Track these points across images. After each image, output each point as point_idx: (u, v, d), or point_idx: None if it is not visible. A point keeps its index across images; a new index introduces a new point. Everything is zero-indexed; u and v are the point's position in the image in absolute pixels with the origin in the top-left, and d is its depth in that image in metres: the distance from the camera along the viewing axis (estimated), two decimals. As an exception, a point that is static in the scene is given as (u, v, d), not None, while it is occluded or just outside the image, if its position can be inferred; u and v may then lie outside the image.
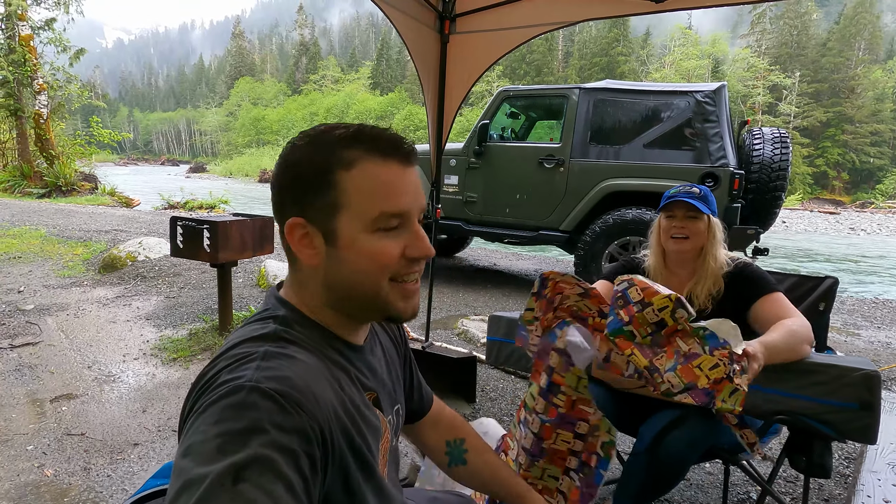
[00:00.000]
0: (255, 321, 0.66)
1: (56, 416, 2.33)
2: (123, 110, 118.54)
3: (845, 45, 42.46)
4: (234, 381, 0.53)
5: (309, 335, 0.64)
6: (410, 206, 0.63)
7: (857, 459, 1.90)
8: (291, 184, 0.63)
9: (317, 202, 0.62)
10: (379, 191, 0.61)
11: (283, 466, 0.48)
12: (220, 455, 0.47)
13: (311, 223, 0.62)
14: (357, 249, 0.62)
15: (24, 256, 5.52)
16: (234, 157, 53.84)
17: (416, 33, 2.43)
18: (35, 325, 3.48)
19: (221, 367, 0.57)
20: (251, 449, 0.47)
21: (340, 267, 0.63)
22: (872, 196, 34.59)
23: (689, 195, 1.50)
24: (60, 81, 14.88)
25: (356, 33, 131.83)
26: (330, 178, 0.61)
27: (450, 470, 0.94)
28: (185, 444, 0.50)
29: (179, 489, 0.46)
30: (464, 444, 0.95)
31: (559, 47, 56.89)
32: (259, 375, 0.53)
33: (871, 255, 12.97)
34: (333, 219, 0.61)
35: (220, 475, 0.45)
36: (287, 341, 0.61)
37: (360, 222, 0.61)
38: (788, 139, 4.51)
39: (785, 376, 1.21)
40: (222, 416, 0.50)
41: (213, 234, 2.93)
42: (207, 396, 0.53)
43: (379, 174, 0.62)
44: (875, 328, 4.33)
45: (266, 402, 0.51)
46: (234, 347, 0.60)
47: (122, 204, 12.86)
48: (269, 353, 0.57)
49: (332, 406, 0.57)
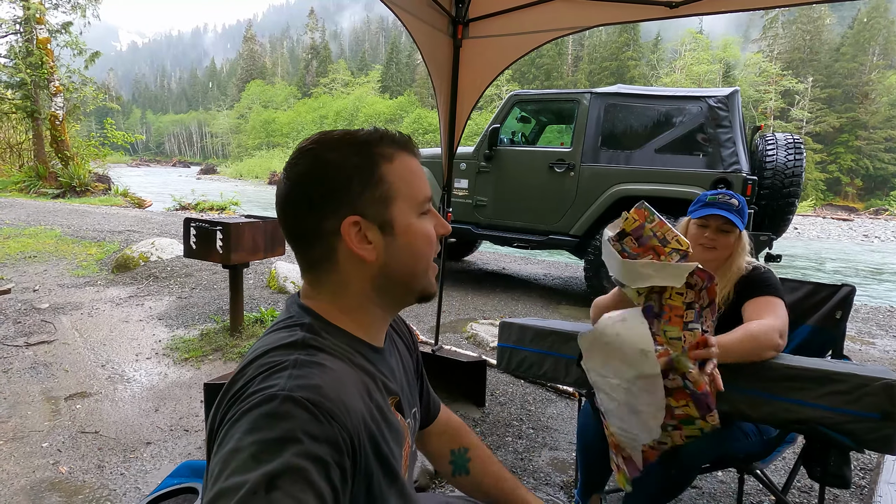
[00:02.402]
0: (280, 329, 0.66)
1: (70, 413, 2.36)
2: (137, 112, 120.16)
3: (859, 50, 41.95)
4: (268, 390, 0.54)
5: (336, 342, 0.65)
6: (430, 191, 0.71)
7: (874, 470, 1.87)
8: (336, 186, 0.64)
9: (370, 197, 0.65)
10: (415, 178, 0.68)
11: (314, 476, 0.48)
12: (255, 464, 0.48)
13: (366, 218, 0.65)
14: (413, 233, 0.67)
15: (39, 256, 5.60)
16: (244, 159, 54.31)
17: (429, 38, 2.44)
18: (50, 324, 3.52)
19: (252, 375, 0.57)
20: (284, 458, 0.48)
21: (400, 253, 0.67)
22: (887, 203, 34.01)
23: (728, 208, 1.47)
24: (76, 84, 15.12)
25: (366, 37, 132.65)
26: (378, 173, 0.65)
27: (454, 479, 0.94)
28: (219, 453, 0.51)
29: (214, 496, 0.47)
30: (468, 454, 0.94)
31: (569, 51, 56.79)
32: (292, 384, 0.54)
33: (886, 263, 12.77)
34: (388, 209, 0.66)
35: (255, 484, 0.46)
36: (316, 349, 0.61)
37: (410, 208, 0.67)
38: (802, 145, 4.47)
39: (802, 385, 1.19)
40: (256, 425, 0.51)
41: (225, 235, 2.96)
42: (240, 405, 0.54)
43: (411, 164, 0.69)
44: (891, 337, 4.26)
45: (299, 411, 0.52)
46: (264, 356, 0.60)
47: (134, 205, 13.01)
48: (300, 361, 0.58)
49: (361, 415, 0.58)
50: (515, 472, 2.02)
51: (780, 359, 1.26)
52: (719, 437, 1.34)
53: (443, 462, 0.95)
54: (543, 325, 1.64)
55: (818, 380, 1.18)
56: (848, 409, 1.14)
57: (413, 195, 0.67)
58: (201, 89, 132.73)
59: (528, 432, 2.35)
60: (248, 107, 70.47)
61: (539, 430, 2.38)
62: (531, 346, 1.63)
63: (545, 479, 1.98)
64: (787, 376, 1.21)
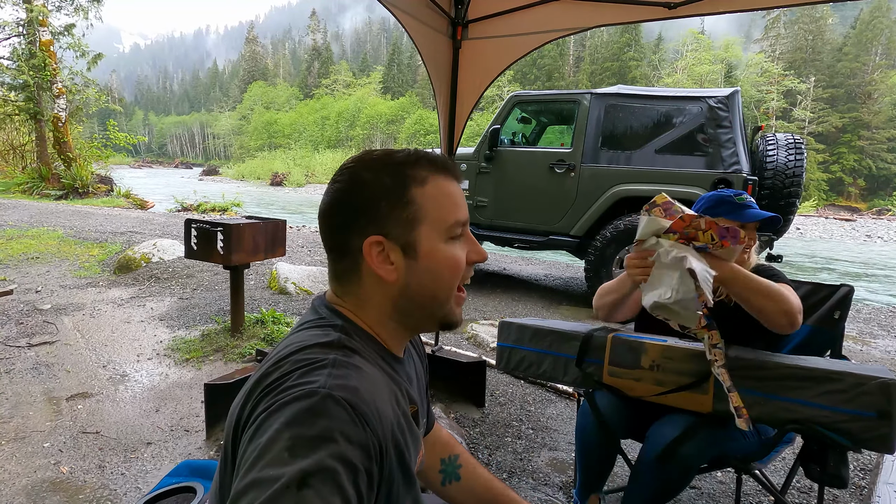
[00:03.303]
0: (312, 327, 0.67)
1: (72, 414, 2.37)
2: (139, 114, 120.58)
3: (861, 50, 41.83)
4: (308, 385, 0.54)
5: (366, 347, 0.66)
6: (467, 216, 0.71)
7: (873, 471, 1.87)
8: (366, 205, 0.66)
9: (397, 218, 0.66)
10: (448, 202, 0.68)
11: (344, 480, 0.49)
12: (291, 458, 0.48)
13: (390, 239, 0.66)
14: (437, 258, 0.67)
15: (41, 257, 5.63)
16: (246, 160, 54.33)
17: (428, 39, 2.45)
18: (52, 325, 3.54)
19: (289, 370, 0.58)
20: (319, 456, 0.49)
21: (421, 277, 0.67)
22: (889, 203, 33.89)
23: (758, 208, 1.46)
24: (79, 85, 15.20)
25: (368, 38, 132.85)
26: (407, 195, 0.66)
27: (443, 489, 0.94)
28: (255, 441, 0.52)
29: (248, 485, 0.47)
30: (458, 460, 0.95)
31: (570, 52, 56.79)
32: (332, 383, 0.55)
33: (888, 263, 12.73)
34: (413, 232, 0.66)
35: (289, 479, 0.47)
36: (352, 350, 0.62)
37: (437, 232, 0.67)
38: (803, 145, 4.46)
39: (799, 384, 1.20)
40: (295, 419, 0.51)
41: (226, 236, 2.97)
42: (278, 397, 0.54)
43: (446, 188, 0.68)
44: (891, 337, 4.25)
45: (339, 410, 0.52)
46: (300, 352, 0.60)
47: (136, 206, 13.05)
48: (339, 361, 0.59)
49: (391, 422, 0.59)
50: (515, 473, 2.02)
51: (778, 357, 1.26)
52: (717, 437, 1.35)
53: (432, 473, 0.94)
54: (542, 325, 1.64)
55: (815, 379, 1.19)
56: (845, 409, 1.14)
57: (442, 219, 0.67)
58: (203, 91, 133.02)
59: (528, 433, 2.35)
60: (251, 108, 70.62)
61: (539, 430, 2.38)
62: (530, 346, 1.64)
63: (544, 480, 1.98)
64: (784, 375, 1.22)
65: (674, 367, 1.31)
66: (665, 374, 1.32)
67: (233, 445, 0.58)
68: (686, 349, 1.32)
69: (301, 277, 4.71)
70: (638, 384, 1.37)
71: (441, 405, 2.44)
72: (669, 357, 1.32)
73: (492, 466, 2.06)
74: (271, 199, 24.85)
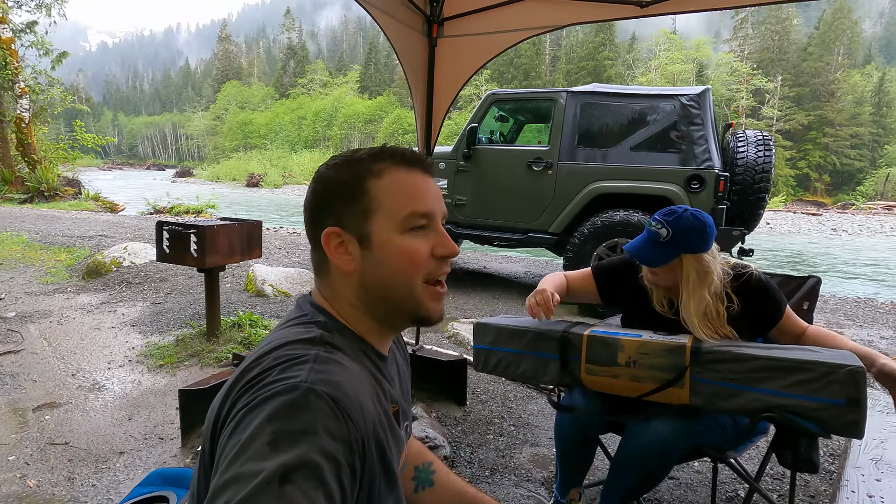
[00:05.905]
0: (295, 325, 0.67)
1: (39, 425, 2.28)
2: (108, 114, 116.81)
3: (825, 50, 43.27)
4: (289, 379, 0.54)
5: (348, 343, 0.66)
6: (434, 208, 0.69)
7: (842, 456, 1.93)
8: (327, 198, 0.69)
9: (351, 210, 0.67)
10: (406, 193, 0.67)
11: (326, 475, 0.48)
12: (272, 452, 0.48)
13: (346, 230, 0.67)
14: (391, 249, 0.66)
15: (4, 263, 5.41)
16: (221, 161, 53.24)
17: (404, 37, 2.43)
18: (17, 333, 3.40)
19: (270, 365, 0.57)
20: (301, 450, 0.48)
21: (377, 268, 0.67)
22: (853, 197, 35.18)
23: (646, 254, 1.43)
24: (42, 85, 14.69)
25: (344, 37, 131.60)
26: (362, 187, 0.67)
27: (415, 496, 0.92)
28: (235, 436, 0.51)
29: (228, 480, 0.47)
30: (432, 467, 0.94)
31: (546, 51, 57.29)
32: (314, 378, 0.54)
33: (853, 256, 13.21)
34: (367, 223, 0.66)
35: (270, 474, 0.46)
36: (334, 347, 0.62)
37: (391, 223, 0.66)
38: (771, 142, 4.59)
39: (771, 375, 1.22)
40: (276, 413, 0.51)
41: (200, 238, 2.90)
42: (259, 393, 0.53)
43: (405, 179, 0.68)
44: (857, 327, 4.41)
45: (321, 404, 0.52)
46: (281, 348, 0.60)
47: (106, 209, 12.66)
48: (321, 357, 0.58)
49: (372, 418, 0.58)
50: (497, 470, 2.03)
51: (751, 349, 1.29)
52: (694, 429, 1.37)
53: (405, 480, 0.93)
54: (518, 325, 1.64)
55: (787, 369, 1.21)
56: (815, 397, 1.17)
57: (397, 210, 0.66)
58: (175, 90, 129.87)
59: (510, 429, 2.36)
60: (225, 108, 69.21)
61: (520, 426, 2.39)
62: (507, 347, 1.63)
63: (526, 476, 1.99)
64: (756, 367, 1.24)
65: (649, 363, 1.33)
66: (641, 370, 1.33)
67: (211, 444, 0.57)
68: (661, 343, 1.33)
69: (279, 279, 4.63)
70: (615, 381, 1.38)
71: (422, 404, 2.42)
72: (645, 352, 1.34)
73: (474, 464, 2.06)
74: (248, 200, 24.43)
